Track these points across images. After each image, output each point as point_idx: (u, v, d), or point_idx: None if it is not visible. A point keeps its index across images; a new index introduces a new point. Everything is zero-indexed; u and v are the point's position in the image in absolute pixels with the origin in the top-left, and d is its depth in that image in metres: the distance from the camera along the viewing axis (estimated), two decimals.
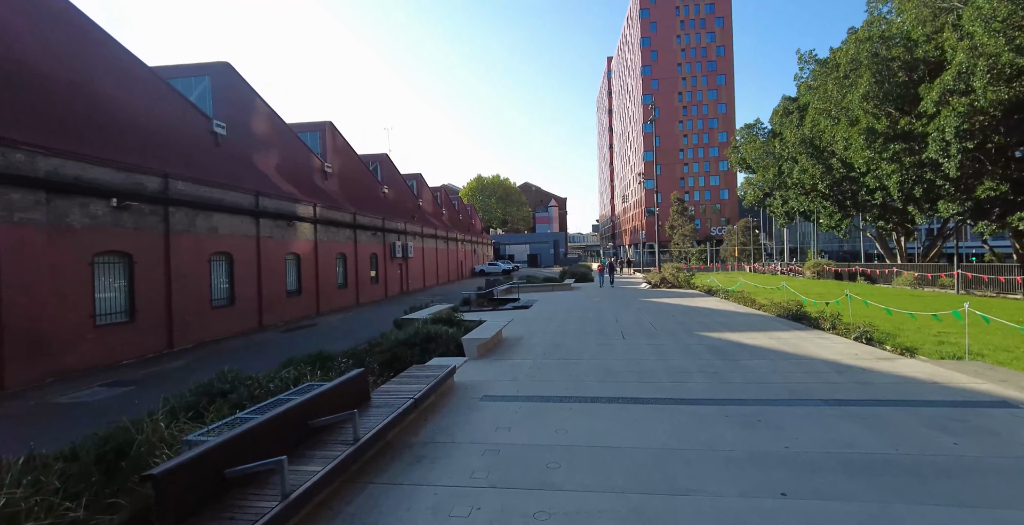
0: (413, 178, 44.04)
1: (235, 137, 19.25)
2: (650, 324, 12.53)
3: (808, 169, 23.53)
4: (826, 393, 6.09)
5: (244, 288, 18.00)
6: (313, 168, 25.63)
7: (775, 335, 10.32)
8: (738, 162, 35.23)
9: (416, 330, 9.15)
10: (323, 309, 23.41)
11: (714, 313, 14.52)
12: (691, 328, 11.66)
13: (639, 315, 14.53)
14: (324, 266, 23.85)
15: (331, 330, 18.07)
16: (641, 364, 7.99)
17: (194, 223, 15.70)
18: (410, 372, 6.24)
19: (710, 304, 17.12)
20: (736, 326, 11.80)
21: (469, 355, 8.65)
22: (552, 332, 11.62)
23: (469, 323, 10.97)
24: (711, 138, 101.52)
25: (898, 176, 18.06)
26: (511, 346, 9.82)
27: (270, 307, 19.50)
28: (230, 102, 19.48)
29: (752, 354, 8.51)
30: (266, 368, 10.21)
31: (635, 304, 17.87)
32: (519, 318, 14.59)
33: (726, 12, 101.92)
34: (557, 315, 15.34)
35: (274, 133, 22.20)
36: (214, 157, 18.07)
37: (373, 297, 29.20)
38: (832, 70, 21.99)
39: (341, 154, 28.93)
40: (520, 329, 12.16)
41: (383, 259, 31.22)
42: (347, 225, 26.51)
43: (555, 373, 7.56)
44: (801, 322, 11.94)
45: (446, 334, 9.12)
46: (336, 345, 14.04)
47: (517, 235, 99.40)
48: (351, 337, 15.39)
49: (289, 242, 21.23)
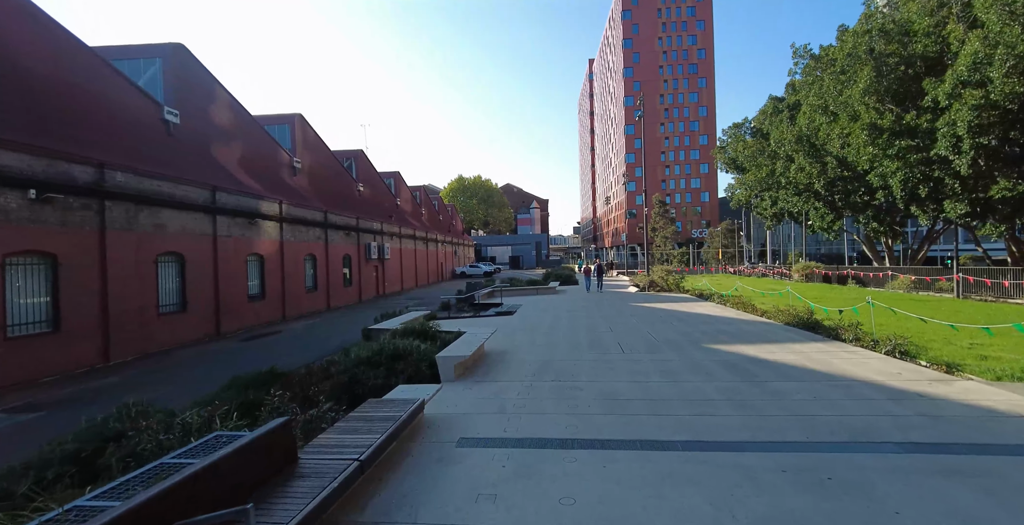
0: (391, 176, 42.33)
1: (190, 126, 17.48)
2: (649, 334, 11.24)
3: (805, 167, 22.59)
4: (895, 432, 4.82)
5: (198, 292, 16.25)
6: (280, 163, 23.88)
7: (793, 348, 9.11)
8: (726, 162, 34.41)
9: (381, 346, 7.67)
10: (290, 314, 21.69)
11: (715, 321, 13.32)
12: (696, 339, 10.40)
13: (634, 323, 13.25)
14: (291, 268, 22.13)
15: (295, 338, 16.43)
16: (650, 388, 6.67)
17: (137, 220, 13.94)
18: (364, 411, 4.75)
19: (707, 310, 15.96)
20: (745, 337, 10.58)
21: (445, 377, 7.22)
22: (541, 344, 10.24)
23: (446, 335, 9.52)
24: (692, 141, 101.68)
25: (902, 174, 17.15)
26: (495, 363, 8.42)
27: (229, 313, 17.76)
28: (185, 88, 17.69)
29: (778, 374, 7.25)
30: (206, 390, 8.68)
31: (627, 310, 16.61)
32: (503, 327, 13.19)
33: (707, 15, 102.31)
34: (544, 322, 13.99)
35: (236, 124, 20.43)
36: (165, 147, 16.29)
37: (346, 301, 27.49)
38: (828, 65, 21.13)
39: (312, 149, 27.18)
40: (505, 341, 10.76)
41: (357, 260, 29.52)
42: (317, 224, 24.80)
43: (549, 401, 6.17)
44: (816, 332, 10.78)
45: (418, 350, 7.66)
46: (297, 357, 12.48)
47: (499, 236, 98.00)
48: (315, 347, 13.81)
49: (251, 242, 19.49)
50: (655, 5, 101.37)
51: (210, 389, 8.47)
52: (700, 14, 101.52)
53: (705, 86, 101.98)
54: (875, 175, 18.48)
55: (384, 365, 7.37)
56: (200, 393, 8.78)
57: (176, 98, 17.11)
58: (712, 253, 73.56)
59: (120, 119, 14.44)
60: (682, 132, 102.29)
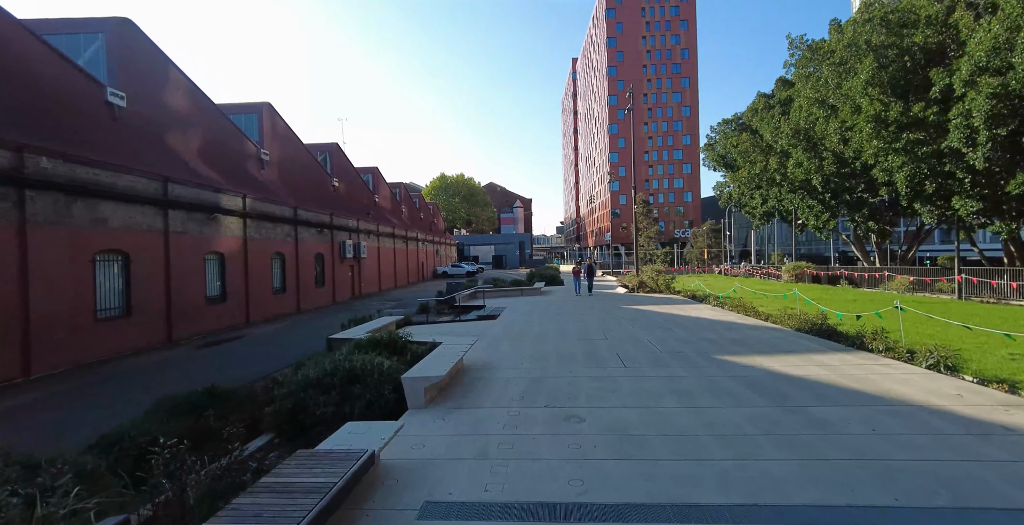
0: (369, 172, 40.65)
1: (140, 111, 15.77)
2: (649, 343, 10.01)
3: (803, 162, 21.64)
4: (1009, 490, 3.63)
5: (146, 294, 14.57)
6: (246, 154, 22.16)
7: (818, 360, 7.95)
8: (714, 159, 33.51)
9: (336, 364, 6.26)
10: (255, 318, 20.02)
11: (718, 326, 12.15)
12: (703, 349, 9.19)
13: (631, 329, 12.02)
14: (256, 268, 20.46)
15: (256, 345, 14.87)
16: (666, 417, 5.40)
17: (69, 213, 12.25)
18: (284, 473, 3.27)
19: (705, 313, 14.83)
20: (758, 346, 9.41)
21: (413, 403, 5.86)
22: (529, 356, 8.91)
23: (418, 347, 8.13)
24: (675, 140, 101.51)
25: (909, 169, 16.21)
26: (476, 381, 7.08)
27: (183, 317, 16.09)
28: (133, 68, 15.96)
29: (814, 395, 6.05)
30: (130, 412, 7.23)
31: (619, 314, 15.39)
32: (485, 334, 11.85)
33: (691, 15, 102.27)
34: (531, 328, 12.68)
35: (195, 110, 18.71)
36: (108, 133, 14.59)
37: (318, 303, 25.83)
38: (826, 57, 20.21)
39: (282, 141, 25.46)
40: (488, 352, 9.42)
41: (331, 260, 27.86)
42: (286, 220, 23.12)
43: (544, 439, 4.85)
44: (834, 340, 9.66)
45: (380, 369, 6.25)
46: (254, 368, 10.95)
47: (482, 236, 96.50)
48: (276, 356, 12.31)
49: (210, 239, 17.81)
50: (639, 4, 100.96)
51: (138, 411, 7.05)
52: (684, 14, 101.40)
53: (688, 86, 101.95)
54: (880, 170, 17.56)
55: (337, 389, 5.96)
56: (124, 415, 7.32)
57: (122, 79, 15.39)
58: (696, 253, 73.23)
59: (50, 99, 12.72)
60: (665, 132, 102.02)
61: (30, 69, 12.22)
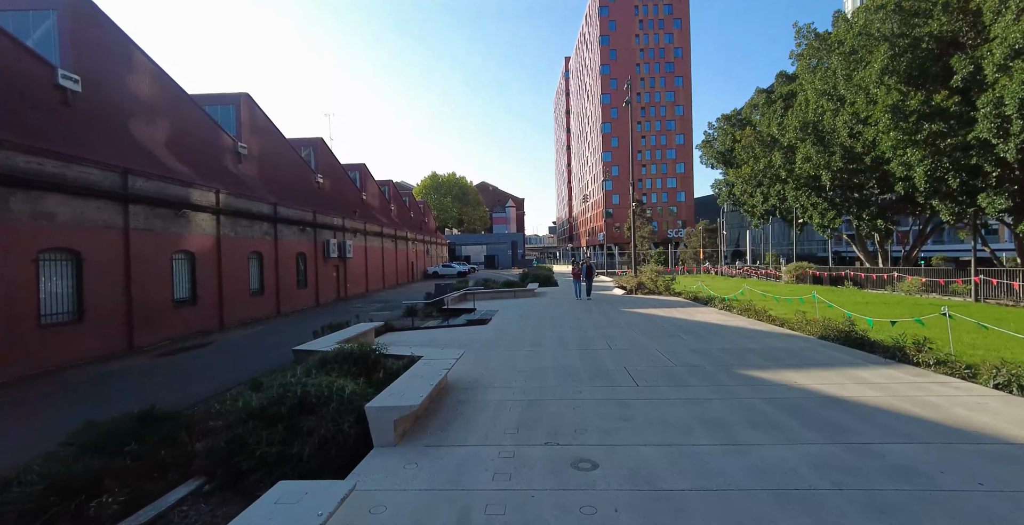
0: (356, 169, 39.26)
1: (97, 97, 14.40)
2: (659, 353, 8.84)
3: (812, 157, 20.59)
4: None
5: (102, 297, 13.22)
6: (221, 148, 20.76)
7: (860, 376, 6.82)
8: (713, 156, 32.49)
9: (287, 388, 5.03)
10: (229, 321, 18.67)
11: (730, 333, 11.02)
12: (722, 362, 8.04)
13: (636, 336, 10.85)
14: (231, 268, 19.11)
15: (225, 353, 13.57)
16: (702, 460, 4.22)
17: (5, 206, 10.90)
18: None
19: (712, 317, 13.71)
20: (783, 358, 8.27)
21: (379, 440, 4.64)
22: (524, 371, 7.71)
23: (394, 362, 6.89)
24: (668, 140, 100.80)
25: (929, 162, 15.17)
26: (460, 405, 5.87)
27: (147, 322, 14.75)
28: (90, 50, 14.57)
29: (878, 427, 4.88)
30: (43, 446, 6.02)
31: (621, 318, 14.23)
32: (475, 342, 10.65)
33: (684, 14, 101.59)
34: (526, 334, 11.48)
35: (162, 98, 17.32)
36: (59, 119, 13.21)
37: (300, 305, 24.48)
38: (835, 46, 19.18)
39: (261, 134, 24.07)
40: (476, 364, 8.22)
41: (314, 259, 26.51)
42: (265, 218, 21.76)
43: (546, 501, 3.64)
44: (866, 350, 8.56)
45: (340, 396, 5.01)
46: (215, 381, 9.62)
47: (474, 235, 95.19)
48: (244, 366, 11.02)
49: (178, 237, 16.46)
50: (632, 2, 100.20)
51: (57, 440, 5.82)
52: (677, 12, 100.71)
53: (682, 85, 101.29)
54: (897, 164, 16.51)
55: (286, 421, 4.73)
56: (38, 448, 6.08)
57: (77, 61, 14.00)
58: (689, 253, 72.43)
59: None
60: (658, 131, 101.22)
61: None
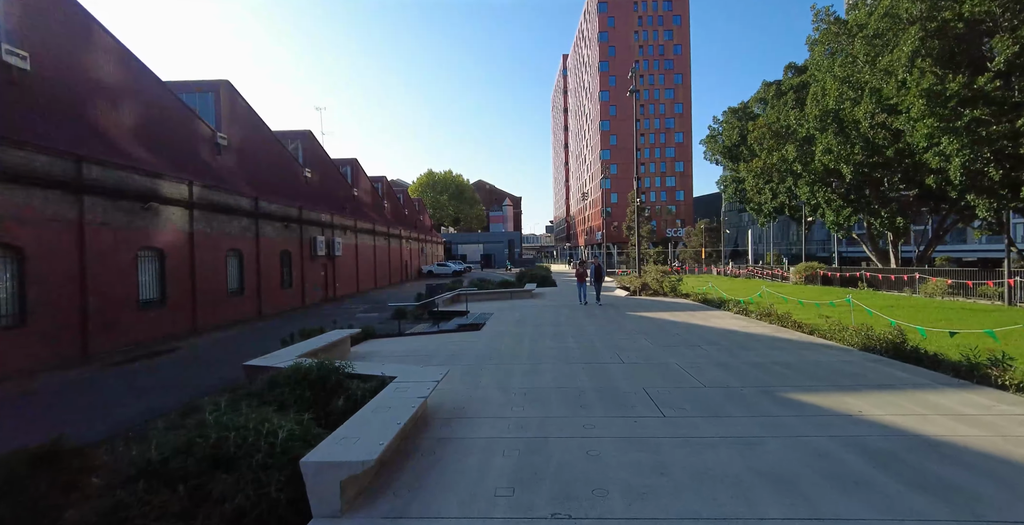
0: (348, 164, 37.84)
1: (47, 76, 13.01)
2: (681, 369, 7.52)
3: (833, 149, 19.21)
4: None
5: (48, 299, 11.82)
6: (198, 138, 19.35)
7: (936, 404, 5.52)
8: (718, 152, 31.18)
9: (201, 431, 3.70)
10: (203, 324, 17.28)
11: (756, 342, 9.70)
12: (759, 381, 6.73)
13: (648, 346, 9.51)
14: (206, 266, 17.72)
15: (189, 362, 12.19)
16: None
17: None
18: None
19: (730, 323, 12.40)
20: (829, 376, 6.95)
21: (320, 509, 3.29)
22: (521, 393, 6.36)
23: (360, 385, 5.51)
24: (668, 138, 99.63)
25: (968, 152, 13.86)
26: (437, 447, 4.53)
27: (108, 326, 13.38)
28: (41, 25, 13.16)
29: (1009, 490, 3.60)
30: None
31: (628, 324, 12.91)
32: (465, 352, 9.32)
33: (683, 10, 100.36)
34: (523, 343, 10.15)
35: (127, 81, 15.92)
36: (3, 100, 11.84)
37: (284, 305, 23.09)
38: (857, 30, 17.86)
39: (243, 124, 22.66)
40: (463, 383, 6.88)
41: (300, 257, 25.11)
42: (245, 213, 20.36)
43: None
44: (926, 366, 7.26)
45: (271, 441, 3.67)
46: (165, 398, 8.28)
47: (470, 234, 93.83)
48: (209, 378, 9.67)
49: (145, 232, 15.07)
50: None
51: None
52: (677, 9, 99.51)
53: (681, 82, 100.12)
54: (933, 154, 15.20)
55: (190, 481, 3.38)
56: None
57: (24, 36, 12.59)
58: (689, 253, 71.30)
59: None
60: (657, 129, 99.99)
61: None
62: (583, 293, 18.08)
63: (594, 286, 18.09)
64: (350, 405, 5.23)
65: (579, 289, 18.18)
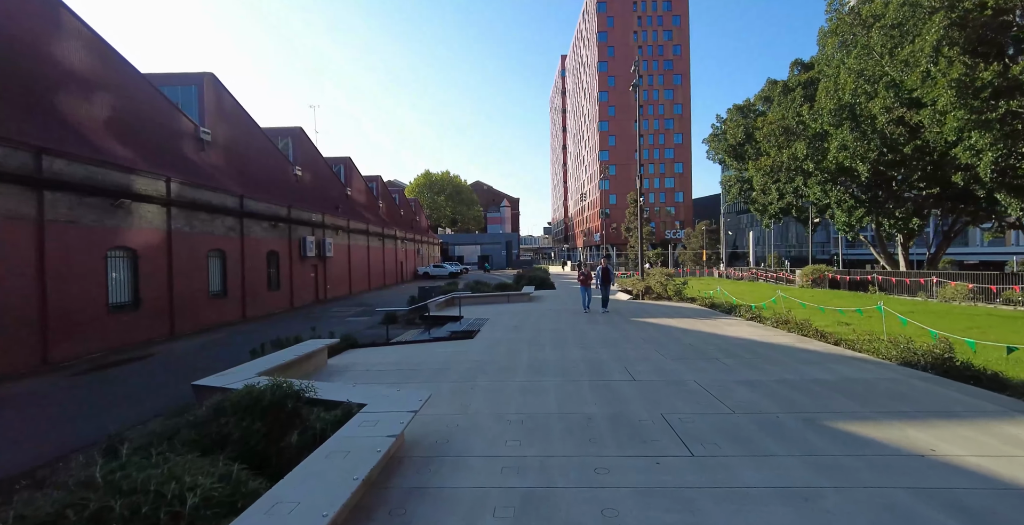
0: (341, 162, 36.83)
1: (5, 62, 12.01)
2: (701, 388, 6.56)
3: (849, 145, 18.24)
4: None
5: (5, 301, 10.83)
6: (180, 132, 18.32)
7: (1011, 435, 4.59)
8: (723, 150, 30.25)
9: (84, 492, 2.72)
10: (182, 329, 16.28)
11: (781, 355, 8.73)
12: (798, 405, 5.77)
13: (661, 359, 8.54)
14: (185, 267, 16.72)
15: (159, 371, 11.17)
16: None
17: None
18: None
19: (747, 332, 11.44)
20: (880, 399, 5.97)
21: None
22: (517, 421, 5.37)
23: (320, 415, 4.53)
24: (667, 139, 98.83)
25: (1001, 146, 12.91)
26: (408, 502, 3.58)
27: (71, 331, 12.38)
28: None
29: None
30: None
31: (635, 331, 11.95)
32: (454, 366, 8.34)
33: (683, 11, 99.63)
34: (520, 355, 9.16)
35: (99, 71, 14.91)
36: None
37: (271, 308, 22.08)
38: (872, 21, 16.97)
39: (229, 119, 21.64)
40: (450, 406, 5.91)
41: (289, 258, 24.10)
42: (229, 211, 19.36)
43: None
44: (985, 386, 6.33)
45: (174, 511, 2.74)
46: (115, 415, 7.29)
47: (467, 235, 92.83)
48: (164, 392, 8.67)
49: (115, 231, 14.07)
50: None
51: None
52: (676, 9, 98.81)
53: (680, 83, 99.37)
54: (963, 149, 14.26)
55: None
56: None
57: None
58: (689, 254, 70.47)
59: None
60: (656, 130, 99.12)
61: None
62: (587, 299, 16.34)
63: (600, 291, 16.34)
64: (307, 440, 4.26)
65: (583, 294, 16.38)
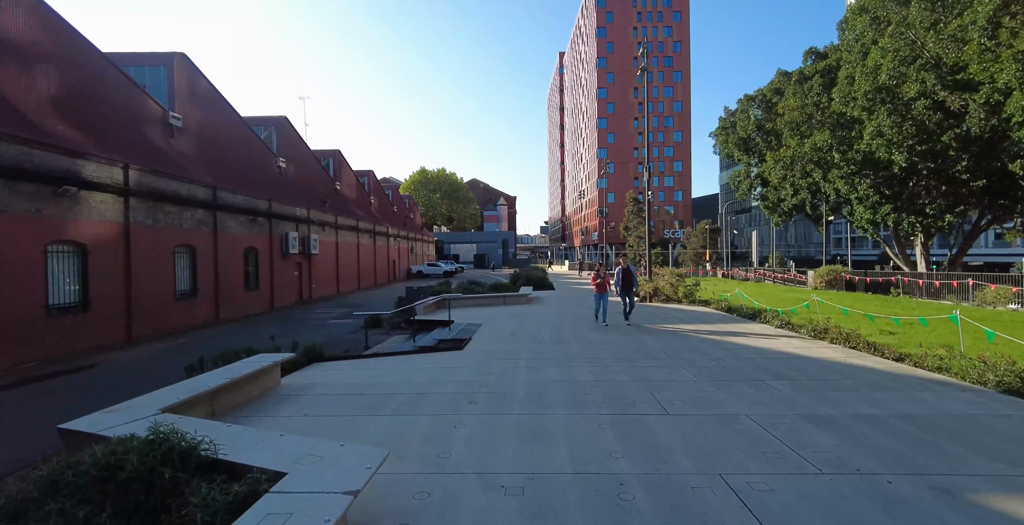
0: (330, 156, 35.09)
1: None
2: (760, 428, 4.96)
3: (885, 131, 16.54)
4: None
5: None
6: (144, 116, 16.58)
7: None
8: (733, 144, 28.68)
9: None
10: (142, 333, 14.59)
11: (839, 376, 7.11)
12: (907, 460, 4.19)
13: (696, 382, 6.90)
14: (146, 265, 15.03)
15: (99, 384, 9.47)
16: None
17: None
18: None
19: (779, 343, 9.84)
20: (1009, 448, 4.44)
21: None
22: (515, 489, 3.74)
23: (212, 497, 2.95)
24: (666, 137, 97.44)
25: None
26: None
27: (9, 337, 10.72)
28: None
29: None
30: None
31: (653, 343, 10.29)
32: (436, 390, 6.70)
33: (683, 6, 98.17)
34: (518, 374, 7.53)
35: (41, 38, 13.18)
36: None
37: (248, 310, 20.39)
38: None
39: (203, 104, 19.90)
40: (420, 459, 4.29)
41: (269, 256, 22.41)
42: (199, 204, 17.66)
43: None
44: None
45: None
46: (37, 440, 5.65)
47: (463, 233, 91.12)
48: (91, 411, 6.96)
49: (57, 223, 12.36)
50: None
51: None
52: (676, 5, 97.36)
53: (680, 80, 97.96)
54: None
55: None
56: None
57: None
58: (689, 254, 68.98)
59: None
60: (656, 128, 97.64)
61: None
62: (603, 309, 12.98)
63: (622, 299, 12.86)
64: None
65: (597, 303, 13.08)
